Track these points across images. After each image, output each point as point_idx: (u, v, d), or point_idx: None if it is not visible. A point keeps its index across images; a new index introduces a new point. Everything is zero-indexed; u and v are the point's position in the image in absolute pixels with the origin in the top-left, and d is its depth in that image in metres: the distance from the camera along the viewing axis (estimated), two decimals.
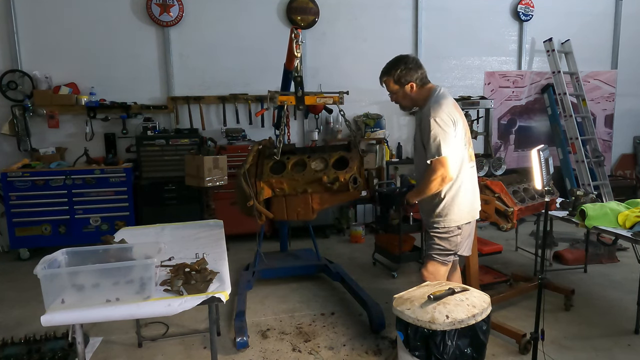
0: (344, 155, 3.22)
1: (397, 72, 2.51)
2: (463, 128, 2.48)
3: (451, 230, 2.52)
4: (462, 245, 2.59)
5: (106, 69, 5.29)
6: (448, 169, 2.36)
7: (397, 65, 2.52)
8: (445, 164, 2.35)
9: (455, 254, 2.59)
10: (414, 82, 2.51)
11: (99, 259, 1.94)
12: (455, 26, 6.24)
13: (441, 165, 2.35)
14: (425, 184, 2.44)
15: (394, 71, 2.52)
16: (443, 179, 2.37)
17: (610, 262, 4.46)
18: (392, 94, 2.60)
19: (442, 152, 2.33)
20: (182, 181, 4.83)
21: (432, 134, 2.36)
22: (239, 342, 2.96)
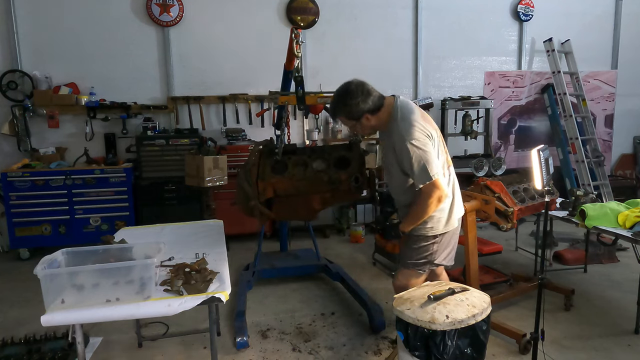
0: (345, 155, 3.22)
1: (345, 109, 2.32)
2: (438, 137, 2.36)
3: (427, 238, 2.41)
4: (438, 255, 2.45)
5: (106, 69, 5.28)
6: (442, 188, 2.24)
7: (344, 101, 2.31)
8: (438, 185, 2.22)
9: (432, 263, 2.45)
10: (367, 113, 2.30)
11: (99, 259, 1.94)
12: (455, 26, 6.24)
13: (435, 187, 2.22)
14: (422, 210, 2.29)
15: (342, 107, 2.33)
16: (439, 199, 2.26)
17: (610, 262, 4.46)
18: (350, 128, 2.46)
19: (432, 175, 2.19)
20: (182, 181, 4.84)
21: (414, 159, 2.20)
22: (239, 342, 2.97)
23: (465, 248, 3.12)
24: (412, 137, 2.20)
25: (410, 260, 2.46)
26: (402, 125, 2.24)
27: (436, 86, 6.32)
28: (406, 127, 2.22)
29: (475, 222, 3.12)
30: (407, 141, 2.19)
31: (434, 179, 2.19)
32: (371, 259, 4.66)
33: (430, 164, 2.19)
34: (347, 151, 3.28)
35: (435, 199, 2.23)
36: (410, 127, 2.22)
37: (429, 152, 2.21)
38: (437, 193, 2.23)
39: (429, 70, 6.26)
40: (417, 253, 2.43)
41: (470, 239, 3.07)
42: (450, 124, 5.98)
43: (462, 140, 5.98)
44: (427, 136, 2.24)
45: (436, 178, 2.20)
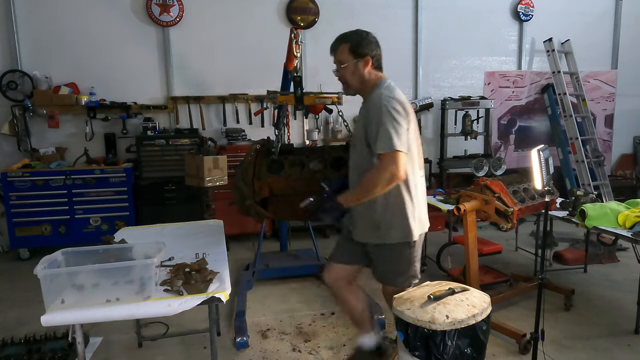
0: (342, 155, 3.22)
1: (356, 38, 2.16)
2: (415, 130, 2.16)
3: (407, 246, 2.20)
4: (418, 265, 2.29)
5: (106, 69, 5.28)
6: (400, 166, 1.96)
7: (357, 33, 2.19)
8: (397, 160, 1.96)
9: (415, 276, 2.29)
10: (371, 57, 2.16)
11: (99, 259, 1.94)
12: (455, 26, 6.24)
13: (393, 160, 1.95)
14: (372, 182, 2.01)
15: (354, 36, 2.17)
16: (392, 177, 1.97)
17: (610, 262, 4.46)
18: (340, 67, 2.19)
19: (395, 146, 1.95)
20: (182, 181, 4.84)
21: (383, 123, 1.98)
22: (239, 342, 2.97)
23: (465, 248, 3.13)
24: (390, 103, 2.02)
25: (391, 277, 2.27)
26: (384, 92, 2.08)
27: (436, 86, 6.32)
28: (388, 95, 2.06)
29: (475, 222, 3.12)
30: (383, 104, 2.02)
31: (396, 150, 1.96)
32: None
33: (398, 136, 1.97)
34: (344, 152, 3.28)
35: (388, 173, 1.97)
36: (392, 96, 2.06)
37: (402, 126, 2.00)
38: (392, 168, 1.96)
39: (429, 70, 6.25)
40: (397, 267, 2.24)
41: (470, 239, 3.07)
42: (450, 124, 5.98)
43: (462, 140, 5.99)
44: (405, 114, 2.06)
45: (399, 151, 1.96)
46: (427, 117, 6.31)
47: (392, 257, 2.21)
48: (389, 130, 1.97)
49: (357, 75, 2.16)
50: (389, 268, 2.26)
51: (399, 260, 2.23)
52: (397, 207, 2.13)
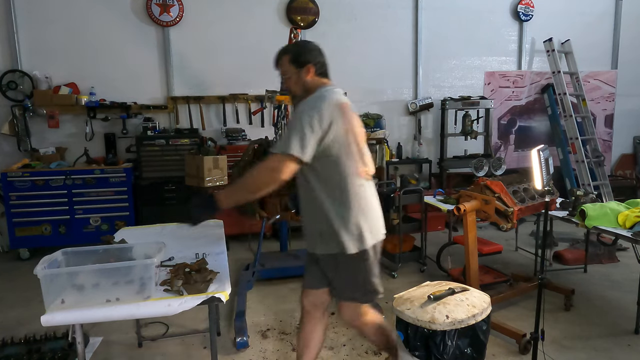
0: None
1: (296, 49, 2.17)
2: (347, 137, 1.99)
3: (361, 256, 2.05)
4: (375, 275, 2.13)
5: (106, 69, 5.28)
6: (284, 170, 1.86)
7: (297, 44, 2.25)
8: (284, 163, 1.86)
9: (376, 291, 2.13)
10: (313, 65, 2.11)
11: (99, 259, 1.94)
12: (455, 26, 6.24)
13: (279, 161, 1.87)
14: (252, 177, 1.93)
15: (294, 47, 2.21)
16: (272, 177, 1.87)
17: (610, 262, 4.46)
18: (284, 77, 2.17)
19: (289, 149, 1.85)
20: (182, 181, 4.84)
21: (291, 126, 1.92)
22: (239, 342, 2.96)
23: (465, 248, 3.13)
24: (311, 109, 1.92)
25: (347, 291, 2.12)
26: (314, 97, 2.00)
27: (436, 86, 6.33)
28: (313, 101, 1.97)
29: (475, 222, 3.13)
30: (301, 111, 1.94)
31: (289, 153, 1.85)
32: None
33: (301, 142, 1.86)
34: None
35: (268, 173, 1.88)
36: (316, 102, 1.95)
37: (313, 133, 1.88)
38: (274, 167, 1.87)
39: (429, 70, 6.25)
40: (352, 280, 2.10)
41: (470, 239, 3.08)
42: (450, 124, 5.98)
43: (462, 140, 5.99)
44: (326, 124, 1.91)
45: (293, 154, 1.85)
46: (427, 117, 6.32)
47: (344, 268, 2.07)
48: (292, 133, 1.88)
49: (300, 83, 2.13)
50: (342, 281, 2.11)
51: (352, 271, 2.07)
52: (345, 215, 2.00)
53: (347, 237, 2.00)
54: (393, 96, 6.22)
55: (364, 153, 2.11)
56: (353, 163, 2.02)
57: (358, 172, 2.04)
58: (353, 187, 2.01)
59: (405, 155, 6.21)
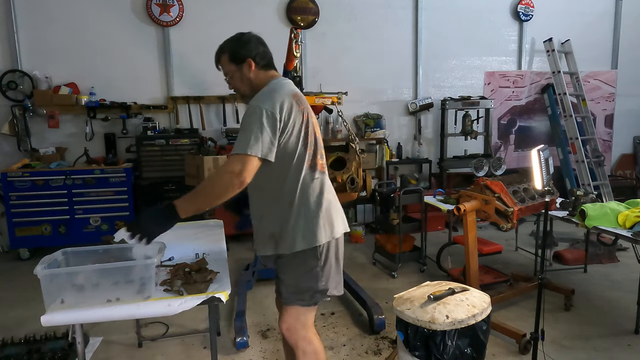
0: (341, 155, 3.22)
1: (232, 46, 1.98)
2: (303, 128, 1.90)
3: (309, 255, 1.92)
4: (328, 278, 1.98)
5: (106, 69, 5.29)
6: (246, 170, 1.74)
7: (233, 39, 2.01)
8: (245, 163, 1.74)
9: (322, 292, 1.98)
10: (253, 58, 1.95)
11: (99, 259, 1.93)
12: (455, 26, 6.24)
13: (239, 162, 1.74)
14: (211, 182, 1.81)
15: (229, 44, 2.00)
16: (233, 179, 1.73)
17: (610, 262, 4.46)
18: (228, 77, 2.03)
19: (247, 149, 1.73)
20: (182, 181, 4.84)
21: (246, 124, 1.80)
22: (239, 342, 2.96)
23: (465, 248, 3.13)
24: (264, 103, 1.82)
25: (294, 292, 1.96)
26: (265, 91, 1.90)
27: (436, 86, 6.33)
28: (265, 94, 1.87)
29: (475, 222, 3.13)
30: (252, 107, 1.82)
31: (247, 154, 1.74)
32: (371, 259, 4.66)
33: (256, 140, 1.75)
34: (343, 152, 3.28)
35: (229, 175, 1.74)
36: (269, 95, 1.86)
37: (266, 131, 1.77)
38: (235, 169, 1.73)
39: (429, 70, 6.25)
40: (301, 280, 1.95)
41: (470, 239, 3.08)
42: (450, 124, 5.98)
43: (462, 140, 5.99)
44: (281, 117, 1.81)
45: (252, 156, 1.74)
46: (427, 117, 6.32)
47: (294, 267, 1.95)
48: (248, 133, 1.76)
49: (245, 80, 1.99)
50: (289, 281, 1.96)
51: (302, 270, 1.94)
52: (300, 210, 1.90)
53: (299, 234, 1.89)
54: (393, 96, 6.22)
55: (320, 145, 2.01)
56: (309, 155, 1.93)
57: (314, 164, 1.95)
58: (307, 181, 1.91)
59: (405, 155, 6.21)
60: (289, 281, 1.97)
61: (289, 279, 1.97)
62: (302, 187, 1.90)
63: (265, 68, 2.00)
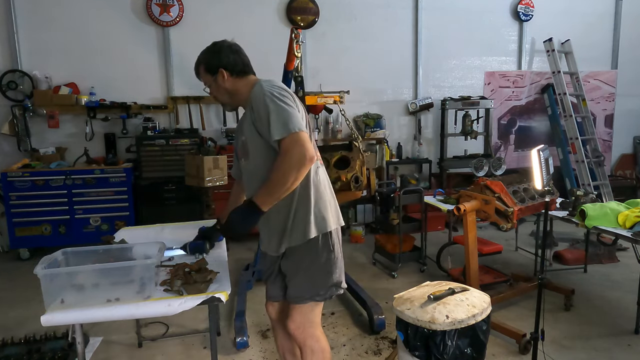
0: (345, 154, 3.22)
1: (205, 57, 1.99)
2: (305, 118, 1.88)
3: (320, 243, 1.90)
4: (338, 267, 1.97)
5: (106, 69, 5.28)
6: (306, 145, 1.70)
7: (206, 50, 2.03)
8: (301, 139, 1.70)
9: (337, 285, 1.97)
10: (225, 68, 1.94)
11: (99, 259, 1.93)
12: (455, 26, 6.24)
13: (297, 142, 1.69)
14: (279, 172, 1.72)
15: (203, 55, 2.00)
16: (302, 157, 1.69)
17: (610, 262, 4.46)
18: (207, 88, 2.03)
19: (291, 128, 1.70)
20: (182, 181, 4.84)
21: (271, 110, 1.74)
22: (239, 342, 2.96)
23: (465, 248, 3.13)
24: (272, 89, 1.80)
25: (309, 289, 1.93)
26: (263, 84, 1.86)
27: (436, 86, 6.33)
28: (266, 84, 1.85)
29: (475, 222, 3.12)
30: (264, 94, 1.78)
31: (294, 131, 1.70)
32: (371, 259, 4.66)
33: (292, 117, 1.73)
34: (346, 151, 3.28)
35: (296, 155, 1.69)
36: (271, 86, 1.83)
37: (292, 106, 1.77)
38: (298, 149, 1.69)
39: (429, 70, 6.25)
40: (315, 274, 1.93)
41: (470, 239, 3.08)
42: (450, 124, 5.98)
43: (462, 140, 5.99)
44: (291, 99, 1.82)
45: (298, 131, 1.71)
46: (427, 117, 6.32)
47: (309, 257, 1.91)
48: (279, 114, 1.73)
49: (222, 90, 1.98)
50: (302, 277, 1.93)
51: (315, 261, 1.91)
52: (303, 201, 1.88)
53: (312, 222, 1.87)
54: (393, 96, 6.22)
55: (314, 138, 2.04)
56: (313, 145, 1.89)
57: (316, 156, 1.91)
58: (312, 169, 1.89)
59: (405, 155, 6.21)
60: (301, 279, 1.93)
61: (301, 276, 1.93)
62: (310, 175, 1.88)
63: (241, 75, 1.98)
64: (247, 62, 2.02)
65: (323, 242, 1.91)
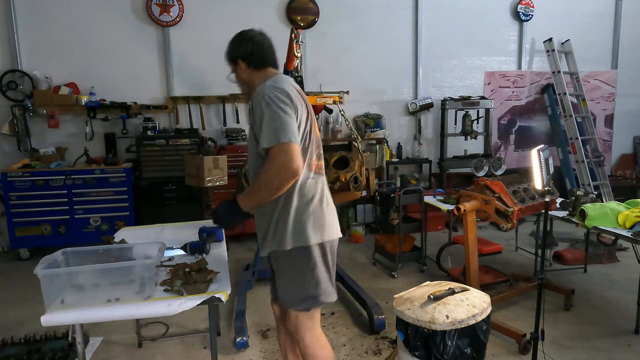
0: (344, 155, 3.22)
1: (229, 46, 2.00)
2: (307, 124, 1.89)
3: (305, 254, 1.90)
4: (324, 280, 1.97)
5: (106, 69, 5.29)
6: (293, 157, 1.70)
7: (231, 40, 2.01)
8: (288, 151, 1.70)
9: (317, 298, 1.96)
10: (242, 58, 1.94)
11: (99, 259, 1.93)
12: (455, 26, 6.24)
13: (284, 152, 1.70)
14: (262, 179, 1.75)
15: (228, 45, 2.01)
16: (286, 170, 1.70)
17: (610, 262, 4.46)
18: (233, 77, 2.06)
19: (280, 138, 1.70)
20: (182, 181, 4.84)
21: (265, 117, 1.74)
22: (239, 342, 2.96)
23: (465, 248, 3.13)
24: (271, 93, 1.79)
25: (289, 296, 1.96)
26: (267, 83, 1.85)
27: (436, 86, 6.33)
28: (269, 86, 1.83)
29: (475, 222, 3.12)
30: (264, 96, 1.78)
31: (284, 142, 1.70)
32: (371, 259, 4.66)
33: (284, 126, 1.72)
34: (346, 151, 3.28)
35: (279, 166, 1.71)
36: (273, 86, 1.82)
37: (288, 113, 1.75)
38: (283, 158, 1.70)
39: (429, 70, 6.25)
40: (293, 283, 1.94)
41: (470, 239, 3.08)
42: (450, 124, 5.98)
43: (462, 140, 5.99)
44: (292, 104, 1.80)
45: (288, 142, 1.70)
46: (427, 117, 6.32)
47: (283, 267, 1.94)
48: (272, 121, 1.73)
49: (240, 79, 2.02)
50: (280, 282, 1.97)
51: (289, 271, 1.93)
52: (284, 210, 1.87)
53: (288, 232, 1.86)
54: (393, 96, 6.22)
55: (319, 144, 2.00)
56: (309, 154, 1.91)
57: (310, 164, 1.91)
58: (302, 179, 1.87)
59: (405, 155, 6.21)
60: (285, 284, 1.97)
61: (284, 281, 1.97)
62: (300, 185, 1.87)
63: (258, 67, 1.96)
64: (266, 55, 1.97)
65: (300, 255, 1.89)
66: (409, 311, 2.02)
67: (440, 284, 2.28)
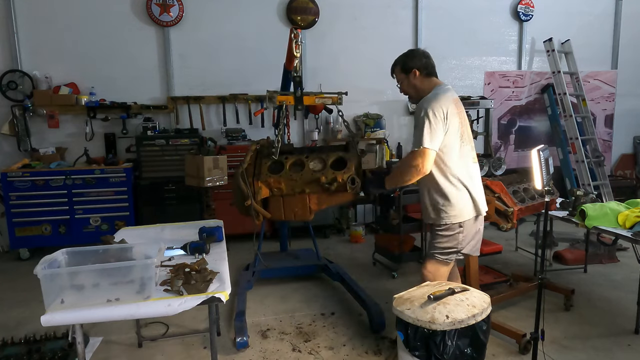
0: (342, 155, 3.21)
1: (403, 60, 2.61)
2: (459, 124, 2.49)
3: (452, 227, 2.48)
4: (465, 243, 2.53)
5: (106, 69, 5.29)
6: (426, 162, 2.34)
7: (405, 54, 2.65)
8: (425, 156, 2.34)
9: (458, 252, 2.54)
10: (417, 69, 2.56)
11: (99, 259, 1.94)
12: (455, 26, 6.24)
13: (420, 156, 2.34)
14: (400, 170, 2.49)
15: (401, 59, 2.63)
16: (417, 170, 2.36)
17: (610, 262, 4.46)
18: (399, 84, 2.67)
19: (423, 143, 2.33)
20: (182, 181, 4.83)
21: (419, 124, 2.39)
22: (239, 342, 2.97)
23: None
24: (430, 106, 2.37)
25: (437, 250, 2.56)
26: (429, 97, 2.47)
27: None
28: (430, 99, 2.43)
29: None
30: (424, 107, 2.39)
31: (423, 148, 2.33)
32: (371, 259, 4.66)
33: (430, 135, 2.33)
34: (344, 152, 3.27)
35: (414, 166, 2.35)
36: (433, 99, 2.41)
37: (436, 127, 2.34)
38: (418, 161, 2.34)
39: None
40: (443, 243, 2.52)
41: None
42: None
43: None
44: (444, 115, 2.36)
45: (427, 148, 2.33)
46: None
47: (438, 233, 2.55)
48: (423, 130, 2.33)
49: (411, 86, 2.61)
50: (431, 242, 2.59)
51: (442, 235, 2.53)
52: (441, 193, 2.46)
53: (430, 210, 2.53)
54: (393, 96, 6.21)
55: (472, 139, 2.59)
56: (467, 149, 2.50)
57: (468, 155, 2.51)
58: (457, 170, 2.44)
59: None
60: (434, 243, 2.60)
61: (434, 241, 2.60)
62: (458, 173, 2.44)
63: (427, 76, 2.62)
64: (433, 66, 2.67)
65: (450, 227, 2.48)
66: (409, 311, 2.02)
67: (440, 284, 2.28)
